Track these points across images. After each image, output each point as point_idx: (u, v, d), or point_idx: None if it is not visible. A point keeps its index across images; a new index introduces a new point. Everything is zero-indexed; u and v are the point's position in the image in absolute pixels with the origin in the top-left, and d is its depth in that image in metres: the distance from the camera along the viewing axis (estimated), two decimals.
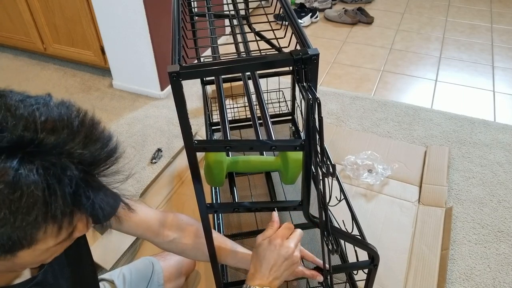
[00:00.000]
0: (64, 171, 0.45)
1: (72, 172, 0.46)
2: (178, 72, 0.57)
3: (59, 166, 0.45)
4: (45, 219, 0.46)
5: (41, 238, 0.48)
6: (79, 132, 0.48)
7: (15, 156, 0.43)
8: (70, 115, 0.49)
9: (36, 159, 0.44)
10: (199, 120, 2.00)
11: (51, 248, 0.51)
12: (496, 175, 1.66)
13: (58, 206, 0.45)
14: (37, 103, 0.48)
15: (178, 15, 0.76)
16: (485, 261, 1.35)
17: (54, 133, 0.46)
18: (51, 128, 0.46)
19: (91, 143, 0.48)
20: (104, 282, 1.02)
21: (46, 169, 0.44)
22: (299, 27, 0.66)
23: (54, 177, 0.45)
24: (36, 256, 0.51)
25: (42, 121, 0.46)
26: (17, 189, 0.43)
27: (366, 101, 2.10)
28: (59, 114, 0.48)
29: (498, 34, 2.71)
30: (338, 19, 2.91)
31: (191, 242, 0.86)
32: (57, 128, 0.46)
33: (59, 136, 0.46)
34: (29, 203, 0.44)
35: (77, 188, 0.47)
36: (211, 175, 0.89)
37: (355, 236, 0.91)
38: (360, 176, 1.62)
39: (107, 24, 2.03)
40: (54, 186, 0.45)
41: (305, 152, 0.69)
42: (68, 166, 0.46)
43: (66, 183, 0.45)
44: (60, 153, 0.45)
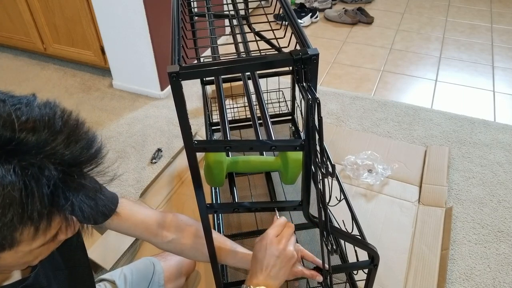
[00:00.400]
0: (42, 171, 0.44)
1: (51, 173, 0.44)
2: (178, 73, 0.57)
3: (37, 166, 0.44)
4: (21, 220, 0.45)
5: (21, 239, 0.47)
6: (61, 132, 0.47)
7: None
8: (52, 115, 0.47)
9: (14, 159, 0.43)
10: (199, 120, 2.00)
11: (34, 250, 0.50)
12: (496, 175, 1.66)
13: (35, 207, 0.44)
14: (20, 103, 0.47)
15: (178, 15, 0.76)
16: (485, 261, 1.35)
17: (35, 133, 0.45)
18: (31, 127, 0.45)
19: (73, 144, 0.47)
20: (105, 282, 1.02)
21: (24, 169, 0.43)
22: (298, 27, 0.66)
23: (32, 177, 0.44)
24: (18, 258, 0.50)
25: (22, 121, 0.45)
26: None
27: (366, 101, 2.10)
28: (41, 114, 0.47)
29: (498, 34, 2.71)
30: (338, 19, 2.91)
31: (190, 242, 0.86)
32: (37, 128, 0.45)
33: (39, 136, 0.45)
34: (5, 204, 0.43)
35: (55, 189, 0.45)
36: (211, 175, 0.89)
37: (355, 236, 0.91)
38: (360, 176, 1.62)
39: (107, 24, 2.03)
40: (31, 187, 0.44)
41: (305, 152, 0.69)
42: (47, 166, 0.44)
43: (43, 184, 0.44)
44: (40, 153, 0.44)
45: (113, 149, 1.86)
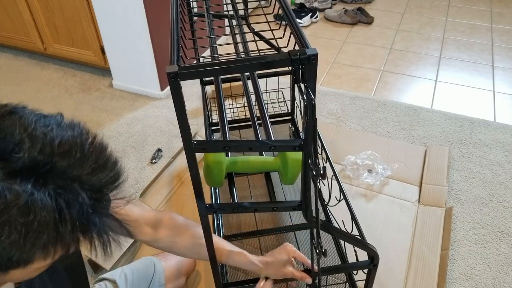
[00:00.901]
0: (76, 197, 0.45)
1: (83, 199, 0.45)
2: (177, 73, 0.57)
3: (70, 191, 0.45)
4: (54, 243, 0.45)
5: (38, 258, 0.47)
6: (89, 156, 0.47)
7: (29, 179, 0.43)
8: (81, 137, 0.48)
9: (49, 183, 0.44)
10: (199, 120, 2.00)
11: (42, 266, 0.51)
12: (496, 175, 1.66)
13: (67, 231, 0.45)
14: (51, 124, 0.47)
15: (177, 15, 0.76)
16: (485, 261, 1.35)
17: (67, 157, 0.46)
18: (65, 151, 0.46)
19: (101, 168, 0.48)
20: (106, 281, 1.02)
21: (59, 194, 0.44)
22: (297, 27, 0.66)
23: (65, 202, 0.44)
24: (27, 274, 0.51)
25: (56, 144, 0.45)
26: (30, 213, 0.42)
27: (366, 101, 2.10)
28: (72, 136, 0.47)
29: (498, 34, 2.71)
30: (338, 19, 2.91)
31: (181, 241, 0.87)
32: (70, 151, 0.46)
33: (71, 160, 0.46)
34: (40, 228, 0.43)
35: (86, 215, 0.46)
36: (210, 175, 0.89)
37: (354, 236, 0.91)
38: (360, 176, 1.62)
39: (107, 24, 2.03)
40: (64, 212, 0.44)
41: (304, 152, 0.69)
42: (79, 192, 0.45)
43: (76, 209, 0.45)
44: (72, 178, 0.45)
45: (113, 149, 1.86)
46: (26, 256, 0.45)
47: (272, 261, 0.91)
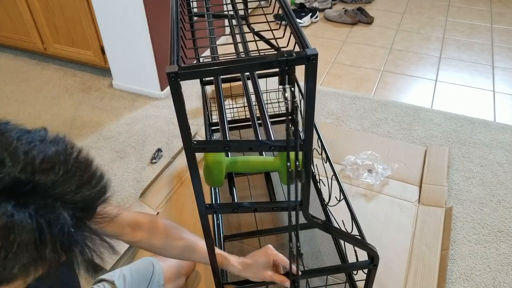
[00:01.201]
0: (57, 216, 0.44)
1: (65, 219, 0.44)
2: (177, 73, 0.57)
3: (51, 211, 0.44)
4: (34, 263, 0.44)
5: (18, 277, 0.46)
6: (74, 172, 0.46)
7: (9, 200, 0.42)
8: (65, 153, 0.47)
9: (30, 203, 0.43)
10: (199, 120, 2.00)
11: (24, 283, 0.49)
12: (496, 175, 1.66)
13: (48, 251, 0.44)
14: (34, 140, 0.46)
15: (177, 15, 0.76)
16: (485, 261, 1.35)
17: (50, 174, 0.44)
18: (48, 168, 0.45)
19: (85, 185, 0.47)
20: (104, 282, 1.02)
21: (40, 215, 0.43)
22: (297, 27, 0.66)
23: (46, 222, 0.43)
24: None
25: (39, 161, 0.44)
26: (10, 235, 0.41)
27: (366, 101, 2.10)
28: (56, 152, 0.46)
29: (498, 34, 2.71)
30: (338, 19, 2.91)
31: (159, 242, 0.88)
32: (53, 168, 0.45)
33: (54, 177, 0.45)
34: (21, 249, 0.42)
35: (68, 234, 0.45)
36: (210, 175, 0.89)
37: (354, 236, 0.91)
38: (360, 176, 1.62)
39: (107, 24, 2.03)
40: (45, 232, 0.43)
41: (305, 152, 0.69)
42: (61, 212, 0.44)
43: (57, 229, 0.44)
44: (55, 196, 0.44)
45: (113, 149, 1.86)
46: (6, 276, 0.44)
47: (251, 263, 0.92)
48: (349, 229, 1.04)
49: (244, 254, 1.37)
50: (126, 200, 1.61)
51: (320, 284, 1.25)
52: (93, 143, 1.90)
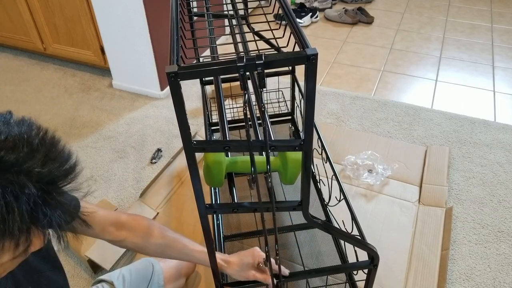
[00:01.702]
0: (22, 189, 0.45)
1: (30, 191, 0.46)
2: (176, 73, 0.57)
3: (17, 184, 0.45)
4: (2, 236, 0.46)
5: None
6: (38, 150, 0.48)
7: None
8: (30, 133, 0.49)
9: None
10: (199, 120, 2.00)
11: (5, 263, 0.51)
12: (496, 175, 1.66)
13: (15, 224, 0.45)
14: (6, 123, 0.48)
15: (177, 15, 0.75)
16: (485, 261, 1.35)
17: (14, 151, 0.46)
18: (11, 146, 0.46)
19: (50, 162, 0.48)
20: (103, 283, 1.02)
21: (4, 187, 0.44)
22: (298, 27, 0.66)
23: (12, 195, 0.45)
24: None
25: (1, 140, 0.46)
26: None
27: (366, 101, 2.10)
28: (19, 132, 0.48)
29: (499, 34, 2.70)
30: (338, 19, 2.91)
31: (140, 241, 0.89)
32: (16, 146, 0.47)
33: (18, 154, 0.46)
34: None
35: (35, 206, 0.47)
36: (210, 175, 0.89)
37: (354, 236, 0.91)
38: (360, 176, 1.62)
39: (107, 24, 2.03)
40: (11, 204, 0.45)
41: (304, 152, 0.69)
42: (26, 184, 0.46)
43: (24, 201, 0.45)
44: (19, 171, 0.46)
45: (112, 149, 1.86)
46: None
47: (235, 261, 0.93)
48: (349, 229, 1.04)
49: None
50: (126, 200, 1.61)
51: (320, 284, 1.25)
52: (93, 143, 1.90)
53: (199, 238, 1.43)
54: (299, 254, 1.36)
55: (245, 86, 0.61)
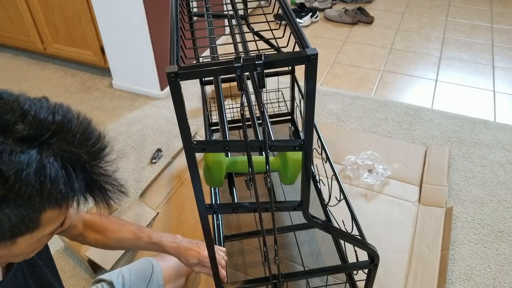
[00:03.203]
0: (77, 156, 0.53)
1: (84, 158, 0.53)
2: (176, 73, 0.57)
3: (72, 153, 0.52)
4: (64, 198, 0.53)
5: (45, 221, 0.54)
6: (84, 129, 0.55)
7: (34, 143, 0.50)
8: (75, 115, 0.56)
9: (54, 147, 0.51)
10: (199, 120, 2.00)
11: (43, 237, 0.57)
12: (496, 175, 1.66)
13: (76, 187, 0.53)
14: (42, 104, 0.54)
15: (176, 15, 0.75)
16: (485, 261, 1.35)
17: (64, 130, 0.53)
18: (64, 125, 0.53)
19: (94, 138, 0.56)
20: (103, 283, 1.02)
21: (62, 156, 0.52)
22: (297, 27, 0.66)
23: (69, 162, 0.52)
24: (30, 244, 0.56)
25: (59, 120, 0.53)
26: (42, 172, 0.49)
27: (366, 101, 2.10)
28: (69, 112, 0.55)
29: (499, 34, 2.70)
30: (338, 19, 2.91)
31: (97, 236, 0.94)
32: (68, 124, 0.54)
33: (70, 131, 0.53)
34: (52, 183, 0.50)
35: (89, 173, 0.55)
36: (210, 175, 0.89)
37: (355, 236, 0.91)
38: (360, 176, 1.62)
39: (107, 24, 2.03)
40: (70, 170, 0.52)
41: (305, 152, 0.69)
42: (80, 153, 0.53)
43: (79, 168, 0.53)
44: (72, 144, 0.53)
45: (112, 149, 1.86)
46: (37, 216, 0.52)
47: (182, 259, 0.97)
48: (349, 229, 1.04)
49: (244, 254, 1.38)
50: (126, 200, 1.61)
51: (320, 284, 1.25)
52: None
53: (199, 238, 1.43)
54: (299, 254, 1.36)
55: (242, 87, 0.61)
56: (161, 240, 0.97)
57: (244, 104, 0.63)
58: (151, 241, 0.97)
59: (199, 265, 0.96)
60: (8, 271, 0.66)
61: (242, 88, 0.61)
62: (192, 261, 0.95)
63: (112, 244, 0.96)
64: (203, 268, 0.96)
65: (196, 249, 0.96)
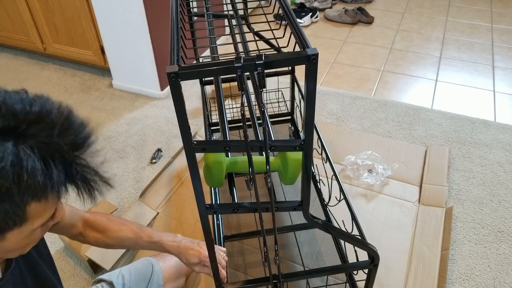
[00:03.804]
0: (57, 148, 0.52)
1: (63, 148, 0.53)
2: (177, 73, 0.57)
3: (52, 144, 0.52)
4: (44, 190, 0.52)
5: (29, 216, 0.54)
6: (58, 119, 0.54)
7: (9, 136, 0.50)
8: (56, 105, 0.56)
9: (29, 139, 0.51)
10: (199, 120, 2.00)
11: (34, 231, 0.57)
12: (496, 175, 1.66)
13: (54, 178, 0.52)
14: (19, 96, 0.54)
15: (177, 15, 0.75)
16: (485, 261, 1.35)
17: (39, 122, 0.52)
18: (35, 118, 0.52)
19: (69, 129, 0.55)
20: (103, 283, 1.02)
21: (40, 148, 0.51)
22: (298, 27, 0.66)
23: (48, 154, 0.51)
24: (21, 238, 0.56)
25: (27, 112, 0.52)
26: (19, 164, 0.49)
27: (366, 101, 2.10)
28: (50, 104, 0.55)
29: (498, 34, 2.70)
30: (338, 19, 2.91)
31: (96, 235, 0.94)
32: (47, 115, 0.53)
33: (48, 123, 0.53)
34: (30, 176, 0.50)
35: (69, 163, 0.54)
36: (210, 175, 0.89)
37: (355, 236, 0.91)
38: (360, 176, 1.62)
39: (107, 24, 2.03)
40: (48, 161, 0.51)
41: (305, 152, 0.69)
42: (60, 144, 0.52)
43: (58, 158, 0.52)
44: (51, 135, 0.52)
45: (112, 149, 1.86)
46: (21, 209, 0.52)
47: (183, 259, 0.97)
48: (349, 229, 1.04)
49: (244, 255, 1.37)
50: (126, 200, 1.61)
51: (321, 285, 1.25)
52: None
53: (199, 238, 1.42)
54: (299, 254, 1.36)
55: (242, 87, 0.61)
56: (162, 239, 0.97)
57: (244, 104, 0.63)
58: (152, 240, 0.97)
59: (200, 265, 0.96)
60: (7, 268, 0.66)
61: (243, 88, 0.61)
62: (193, 260, 0.95)
63: (112, 243, 0.96)
64: (204, 268, 0.96)
65: (197, 249, 0.95)
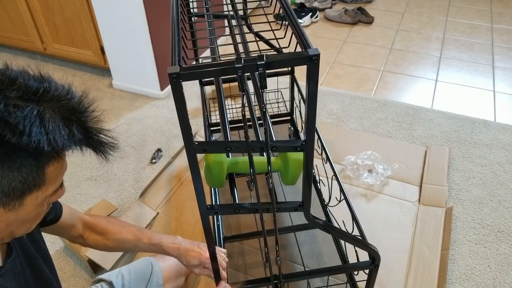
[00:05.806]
0: (72, 111, 0.56)
1: (77, 111, 0.57)
2: (178, 73, 0.57)
3: (66, 107, 0.56)
4: (68, 147, 0.57)
5: (48, 178, 0.57)
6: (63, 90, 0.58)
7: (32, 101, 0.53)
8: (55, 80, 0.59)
9: (48, 103, 0.54)
10: (199, 120, 2.00)
11: (44, 200, 0.60)
12: (496, 175, 1.66)
13: (75, 137, 0.56)
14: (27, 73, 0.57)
15: (178, 15, 0.75)
16: (485, 261, 1.35)
17: (56, 89, 0.57)
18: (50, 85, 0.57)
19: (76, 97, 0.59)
20: (102, 282, 1.02)
21: (59, 109, 0.55)
22: (299, 27, 0.66)
23: (66, 114, 0.55)
24: (35, 206, 0.59)
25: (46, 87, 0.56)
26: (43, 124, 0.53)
27: (366, 101, 2.10)
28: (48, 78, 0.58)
29: (499, 34, 2.71)
30: (338, 19, 2.91)
31: (97, 237, 0.95)
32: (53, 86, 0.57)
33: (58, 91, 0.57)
34: (53, 134, 0.53)
35: (80, 126, 0.57)
36: (211, 176, 0.89)
37: (355, 237, 0.91)
38: (360, 176, 1.62)
39: (107, 24, 2.03)
40: (69, 121, 0.55)
41: (306, 153, 0.69)
42: (74, 107, 0.57)
43: (76, 120, 0.56)
44: (65, 99, 0.57)
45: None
46: (42, 170, 0.55)
47: (183, 261, 0.97)
48: (349, 229, 1.04)
49: (244, 255, 1.37)
50: (126, 200, 1.60)
51: (321, 285, 1.25)
52: None
53: (199, 238, 1.43)
54: (299, 254, 1.36)
55: (243, 88, 0.61)
56: (162, 241, 0.97)
57: (245, 105, 0.63)
58: (152, 242, 0.97)
59: (200, 267, 0.96)
60: (8, 257, 0.67)
61: (243, 89, 0.61)
62: (193, 262, 0.95)
63: (112, 245, 0.97)
64: (204, 269, 0.96)
65: (197, 250, 0.95)
